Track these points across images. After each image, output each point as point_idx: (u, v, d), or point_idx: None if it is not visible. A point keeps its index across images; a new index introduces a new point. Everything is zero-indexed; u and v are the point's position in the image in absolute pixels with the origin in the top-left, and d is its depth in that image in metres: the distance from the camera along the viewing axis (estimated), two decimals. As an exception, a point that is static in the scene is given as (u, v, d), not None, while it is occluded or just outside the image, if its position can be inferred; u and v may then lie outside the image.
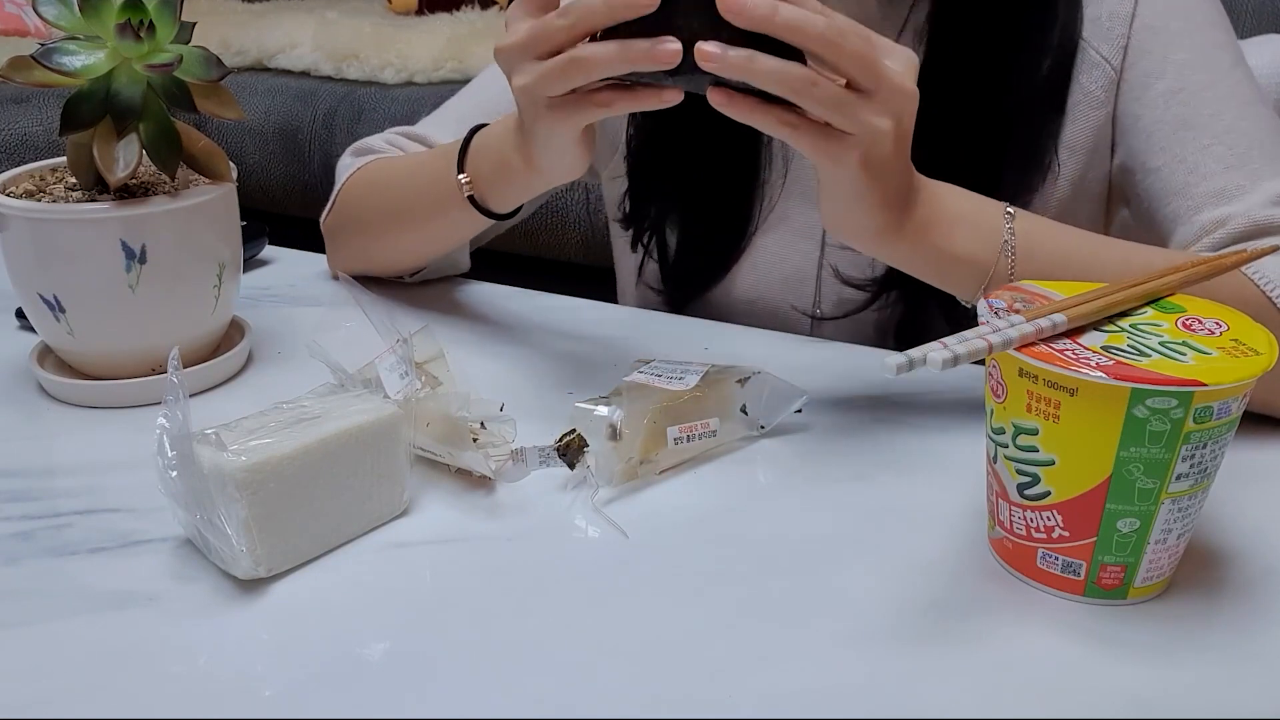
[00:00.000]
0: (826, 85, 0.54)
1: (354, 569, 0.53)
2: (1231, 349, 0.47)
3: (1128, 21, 0.76)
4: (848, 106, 0.55)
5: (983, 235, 0.64)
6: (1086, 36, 0.76)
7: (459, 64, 2.07)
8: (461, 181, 0.72)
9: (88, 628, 0.48)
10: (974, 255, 0.64)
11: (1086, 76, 0.77)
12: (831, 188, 0.60)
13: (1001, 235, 0.64)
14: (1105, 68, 0.76)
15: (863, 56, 0.54)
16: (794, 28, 0.53)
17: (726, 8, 0.52)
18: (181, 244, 0.66)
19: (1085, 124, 0.77)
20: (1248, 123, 0.73)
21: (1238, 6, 1.88)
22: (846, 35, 0.54)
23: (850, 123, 0.55)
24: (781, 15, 0.52)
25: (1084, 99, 0.77)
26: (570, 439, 0.59)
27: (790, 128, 0.56)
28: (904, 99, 0.57)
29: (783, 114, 0.55)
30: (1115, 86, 0.77)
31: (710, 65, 0.53)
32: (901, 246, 0.63)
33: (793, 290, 0.84)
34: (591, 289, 0.92)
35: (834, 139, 0.56)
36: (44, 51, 0.61)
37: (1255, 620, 0.49)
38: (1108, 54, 0.76)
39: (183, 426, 0.49)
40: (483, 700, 0.44)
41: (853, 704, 0.44)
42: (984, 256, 0.64)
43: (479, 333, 0.79)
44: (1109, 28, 0.76)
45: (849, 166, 0.57)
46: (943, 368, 0.45)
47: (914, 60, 0.58)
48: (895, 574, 0.52)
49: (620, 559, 0.54)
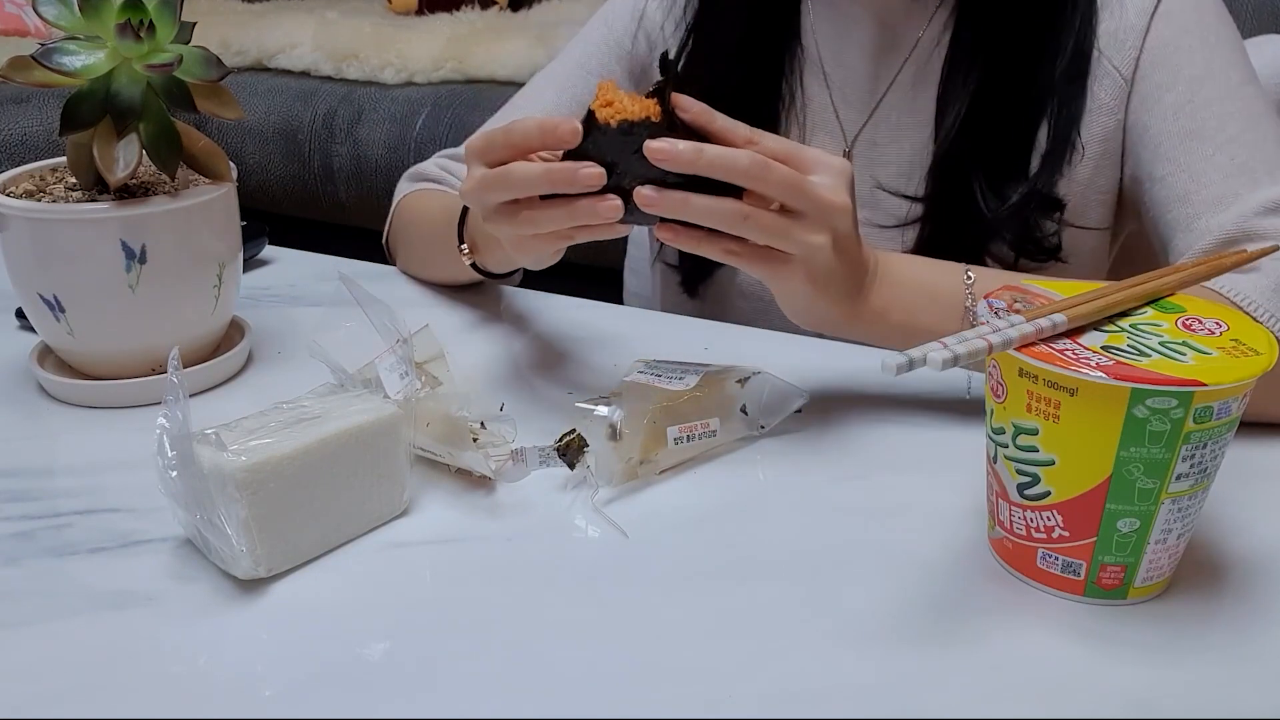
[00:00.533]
0: (759, 215, 0.58)
1: (354, 569, 0.53)
2: (1231, 349, 0.47)
3: (1141, 35, 0.77)
4: (783, 230, 0.59)
5: (942, 305, 0.67)
6: (1101, 47, 0.78)
7: (459, 64, 2.07)
8: (463, 251, 0.77)
9: (88, 628, 0.48)
10: (936, 327, 0.66)
11: (1098, 85, 0.78)
12: (784, 298, 0.64)
13: (963, 300, 0.67)
14: (1115, 77, 0.78)
15: (789, 183, 0.58)
16: (720, 166, 0.56)
17: (656, 157, 0.55)
18: (181, 244, 0.66)
19: (1095, 129, 0.79)
20: (1254, 134, 0.73)
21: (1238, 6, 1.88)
22: (770, 167, 0.57)
23: (788, 244, 0.59)
24: (705, 157, 0.56)
25: (1095, 105, 0.78)
26: (570, 439, 0.59)
27: (734, 256, 0.60)
28: (836, 213, 0.60)
29: (726, 243, 0.59)
30: (1126, 97, 0.78)
31: (651, 209, 0.57)
32: (864, 329, 0.66)
33: None
34: (591, 289, 0.92)
35: (777, 260, 0.60)
36: (44, 51, 0.61)
37: (1255, 620, 0.49)
38: (1119, 64, 0.78)
39: (183, 426, 0.49)
40: (483, 700, 0.44)
41: (853, 704, 0.44)
42: (946, 326, 0.66)
43: (479, 332, 0.79)
44: (1123, 40, 0.78)
45: (795, 280, 0.61)
46: (942, 367, 0.45)
47: (846, 169, 0.61)
48: (895, 574, 0.52)
49: (620, 559, 0.54)
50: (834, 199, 0.60)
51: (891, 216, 0.83)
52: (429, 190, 0.91)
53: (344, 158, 2.06)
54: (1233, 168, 0.72)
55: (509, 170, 0.58)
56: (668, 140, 0.56)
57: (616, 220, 0.58)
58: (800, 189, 0.58)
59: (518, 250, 0.64)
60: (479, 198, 0.61)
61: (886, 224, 0.83)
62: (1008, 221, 0.78)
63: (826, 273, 0.61)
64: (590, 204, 0.57)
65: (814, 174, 0.60)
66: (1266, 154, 0.72)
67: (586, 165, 0.56)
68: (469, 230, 0.77)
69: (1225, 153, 0.72)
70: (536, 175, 0.57)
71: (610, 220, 0.58)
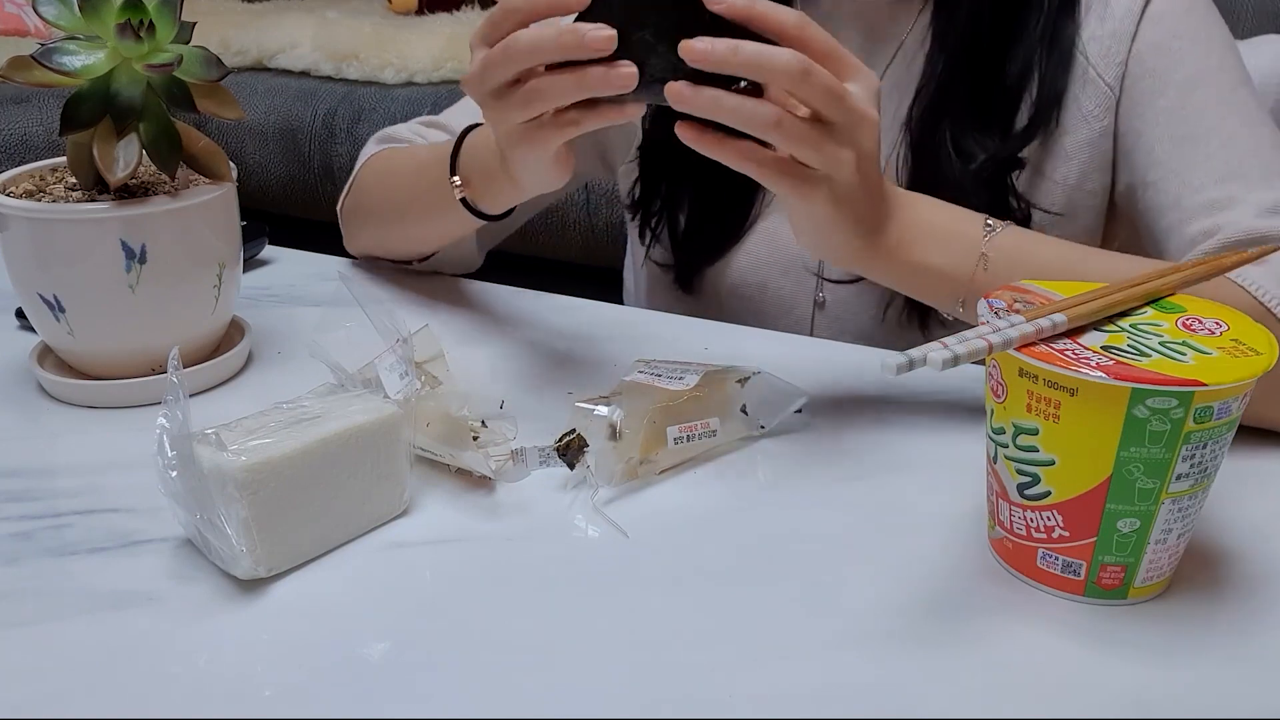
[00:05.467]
0: (791, 122, 0.54)
1: (354, 569, 0.53)
2: (1231, 349, 0.47)
3: (1128, 41, 0.76)
4: (815, 142, 0.55)
5: (958, 249, 0.65)
6: (1087, 55, 0.77)
7: (459, 64, 2.07)
8: (454, 184, 0.73)
9: (88, 628, 0.48)
10: (949, 269, 0.65)
11: (1083, 93, 0.77)
12: (802, 219, 0.61)
13: (979, 249, 0.65)
14: (1100, 85, 0.77)
15: (831, 92, 0.54)
16: (758, 65, 0.53)
17: (691, 57, 0.52)
18: (181, 244, 0.66)
19: (1079, 135, 0.78)
20: (1246, 139, 0.73)
21: (1238, 6, 1.88)
22: (813, 72, 0.54)
23: (815, 157, 0.56)
24: (742, 55, 0.52)
25: (1079, 114, 0.78)
26: (570, 439, 0.59)
27: (756, 163, 0.56)
28: (867, 126, 0.57)
29: (748, 148, 0.56)
30: (1113, 104, 0.77)
31: (681, 106, 0.53)
32: (878, 264, 0.64)
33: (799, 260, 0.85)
34: (591, 289, 0.92)
35: (800, 174, 0.57)
36: (44, 51, 0.61)
37: (1255, 620, 0.49)
38: (1105, 73, 0.77)
39: (183, 426, 0.49)
40: (483, 700, 0.44)
41: (853, 704, 0.44)
42: (959, 271, 0.65)
43: (479, 332, 0.79)
44: (1109, 46, 0.77)
45: (816, 199, 0.58)
46: (943, 368, 0.45)
47: (876, 81, 0.58)
48: (895, 574, 0.52)
49: (620, 559, 0.54)
50: (868, 111, 0.56)
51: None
52: (403, 148, 0.88)
53: (344, 158, 2.06)
54: (1226, 171, 0.72)
55: (513, 38, 0.55)
56: (705, 41, 0.52)
57: (630, 94, 0.54)
58: (841, 99, 0.55)
59: (520, 147, 0.61)
60: (482, 81, 0.57)
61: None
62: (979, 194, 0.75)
63: (847, 192, 0.58)
64: (602, 71, 0.53)
65: (852, 83, 0.56)
66: (1263, 158, 0.72)
67: (597, 26, 0.52)
68: (463, 162, 0.73)
69: (1219, 157, 0.72)
70: (543, 39, 0.54)
71: (625, 88, 0.53)
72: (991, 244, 0.65)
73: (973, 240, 0.65)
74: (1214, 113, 0.73)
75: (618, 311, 0.85)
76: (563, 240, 1.94)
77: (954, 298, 0.66)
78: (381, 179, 0.86)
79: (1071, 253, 0.67)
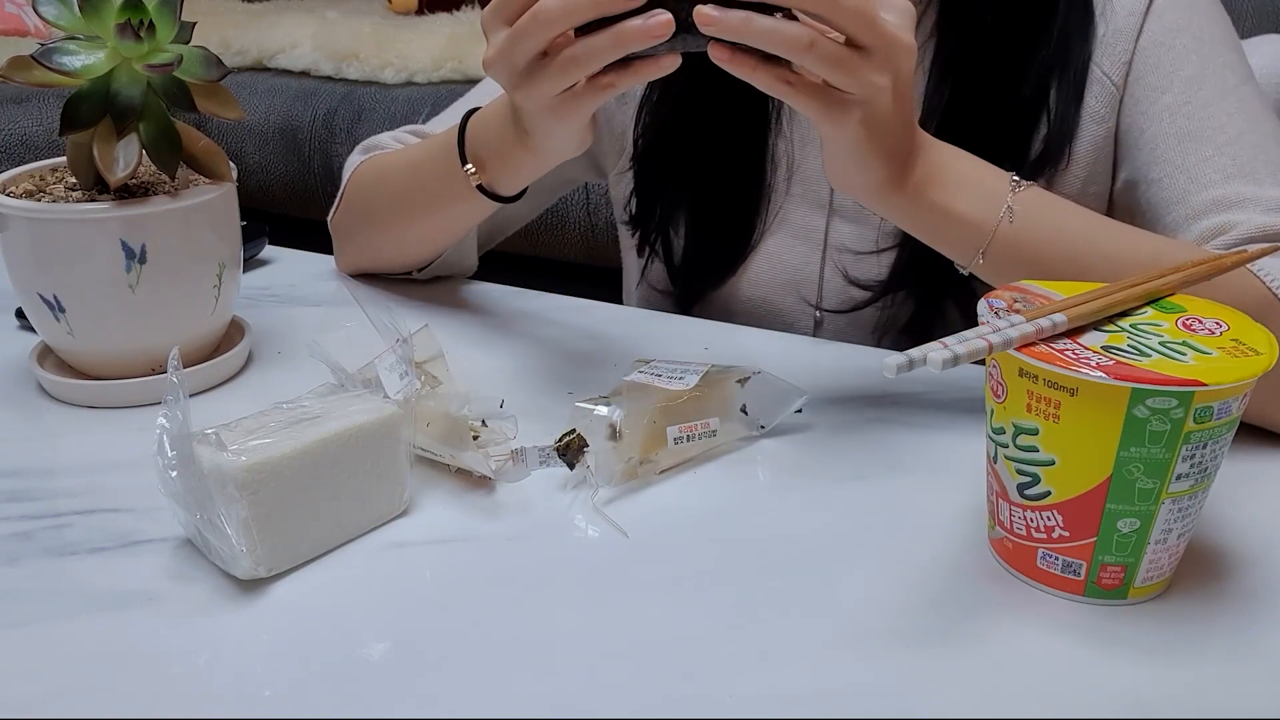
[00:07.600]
0: (824, 44, 0.53)
1: (354, 569, 0.53)
2: (1231, 349, 0.47)
3: (1133, 38, 0.76)
4: (846, 65, 0.54)
5: (984, 198, 0.64)
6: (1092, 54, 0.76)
7: (459, 64, 2.07)
8: (469, 172, 0.72)
9: (88, 628, 0.48)
10: (973, 216, 0.64)
11: (1089, 91, 0.77)
12: (832, 145, 0.60)
13: (1005, 200, 0.64)
14: (1106, 83, 0.76)
15: (862, 14, 0.53)
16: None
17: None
18: (181, 244, 0.66)
19: (1086, 138, 0.77)
20: (1253, 136, 0.72)
21: (1238, 6, 1.88)
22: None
23: (849, 81, 0.55)
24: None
25: (1085, 113, 0.77)
26: (570, 439, 0.58)
27: (788, 86, 0.55)
28: (903, 53, 0.56)
29: (781, 72, 0.55)
30: (1117, 103, 0.77)
31: (709, 29, 0.52)
32: (902, 201, 0.63)
33: (796, 290, 0.84)
34: (591, 289, 0.92)
35: (833, 98, 0.56)
36: (44, 51, 0.61)
37: (1255, 620, 0.49)
38: (1110, 70, 0.76)
39: (183, 426, 0.49)
40: (483, 700, 0.44)
41: (852, 704, 0.44)
42: (983, 218, 0.64)
43: (479, 332, 0.79)
44: (1113, 44, 0.76)
45: (849, 125, 0.57)
46: (942, 368, 0.45)
47: (911, 11, 0.57)
48: (895, 574, 0.52)
49: (620, 559, 0.53)
50: (903, 37, 0.56)
51: (869, 242, 0.82)
52: (393, 150, 0.87)
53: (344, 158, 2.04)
54: (1234, 169, 0.71)
55: (540, 6, 0.54)
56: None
57: (665, 44, 0.53)
58: (872, 22, 0.54)
59: (551, 119, 0.60)
60: (511, 57, 0.57)
61: (863, 249, 0.82)
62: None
63: (881, 119, 0.57)
64: (639, 23, 0.52)
65: (884, 10, 0.55)
66: (1270, 155, 0.72)
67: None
68: (472, 146, 0.72)
69: (1226, 154, 0.72)
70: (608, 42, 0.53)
71: (662, 37, 0.52)
72: (1018, 198, 0.64)
73: (1000, 191, 0.64)
74: (1219, 109, 0.73)
75: (618, 311, 0.85)
76: (563, 240, 1.94)
77: (974, 248, 0.65)
78: (375, 183, 0.85)
79: (1093, 219, 0.67)
